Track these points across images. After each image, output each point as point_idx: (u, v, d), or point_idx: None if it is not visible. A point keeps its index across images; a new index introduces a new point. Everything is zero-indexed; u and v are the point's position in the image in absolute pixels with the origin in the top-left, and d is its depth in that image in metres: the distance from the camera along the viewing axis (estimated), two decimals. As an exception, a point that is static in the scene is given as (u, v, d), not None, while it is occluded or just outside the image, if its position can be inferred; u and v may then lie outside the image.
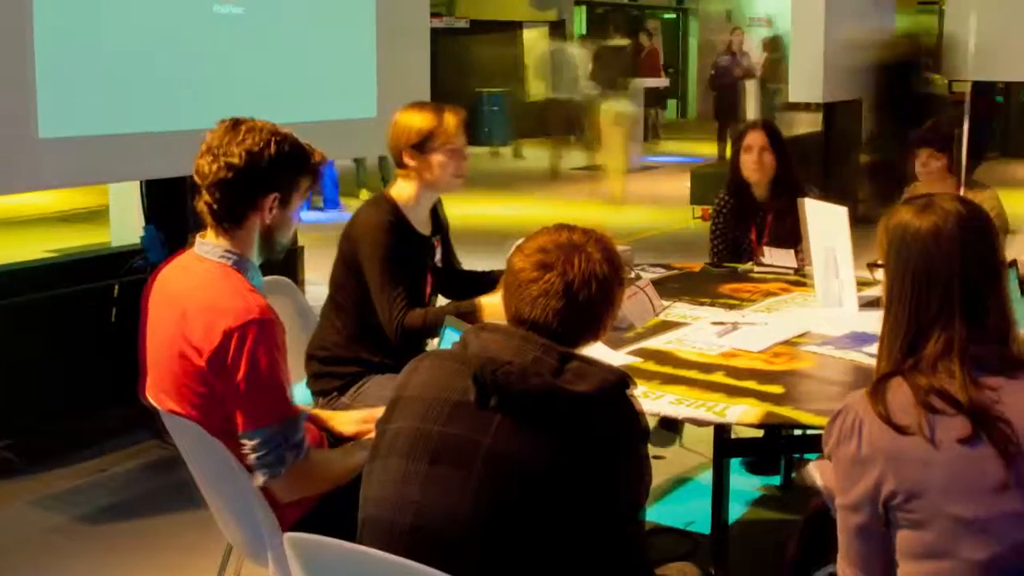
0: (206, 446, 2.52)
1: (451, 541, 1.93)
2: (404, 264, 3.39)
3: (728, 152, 7.20)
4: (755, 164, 4.54)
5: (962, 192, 4.55)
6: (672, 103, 24.01)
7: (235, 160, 2.50)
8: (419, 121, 3.42)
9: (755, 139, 4.55)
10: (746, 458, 4.48)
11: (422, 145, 3.41)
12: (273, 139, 2.54)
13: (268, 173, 2.54)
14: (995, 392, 1.85)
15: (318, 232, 8.22)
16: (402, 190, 3.48)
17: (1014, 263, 3.23)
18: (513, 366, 1.94)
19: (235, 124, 2.56)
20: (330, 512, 2.51)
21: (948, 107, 8.58)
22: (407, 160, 3.43)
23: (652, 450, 4.32)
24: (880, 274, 2.03)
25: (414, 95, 4.15)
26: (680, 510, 4.13)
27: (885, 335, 1.97)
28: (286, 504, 2.55)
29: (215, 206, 2.55)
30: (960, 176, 4.54)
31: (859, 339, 3.25)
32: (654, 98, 18.96)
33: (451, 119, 3.44)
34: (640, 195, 12.86)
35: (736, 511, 4.08)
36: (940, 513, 1.82)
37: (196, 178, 2.57)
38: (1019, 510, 1.80)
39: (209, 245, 2.59)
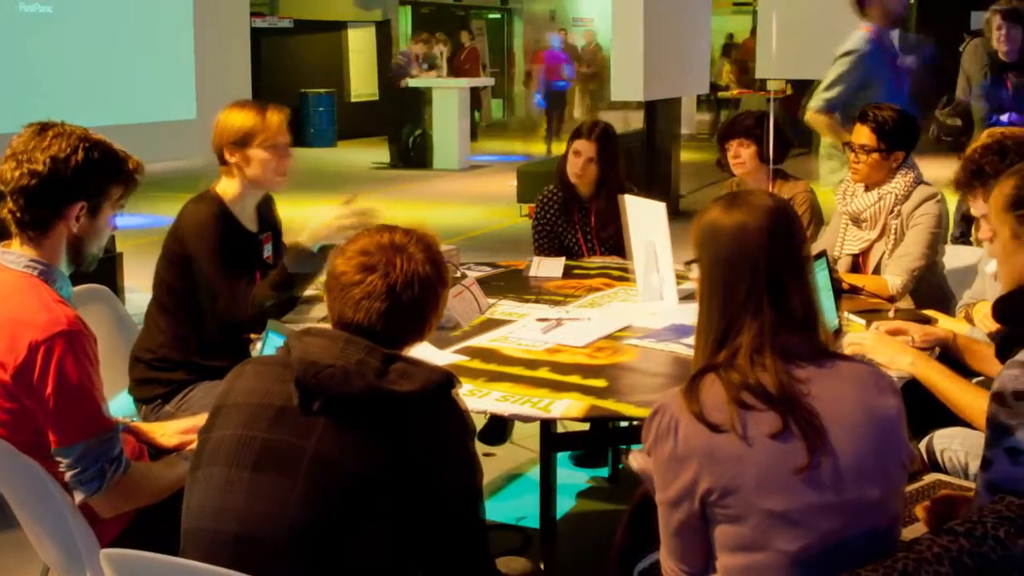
0: (15, 463, 2.41)
1: (277, 548, 1.91)
2: (234, 259, 3.37)
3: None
4: (579, 171, 4.64)
5: (774, 184, 4.69)
6: (497, 103, 24.18)
7: (39, 167, 2.42)
8: (241, 119, 3.41)
9: (584, 148, 4.63)
10: (575, 452, 4.55)
11: (243, 142, 3.38)
12: (81, 145, 2.46)
13: (74, 181, 2.46)
14: (805, 384, 1.92)
15: (137, 238, 8.01)
16: (226, 187, 3.46)
17: (823, 254, 3.37)
18: (336, 369, 1.93)
19: (43, 128, 2.48)
20: (151, 525, 2.45)
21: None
22: (228, 157, 3.41)
23: (483, 447, 4.37)
24: (696, 272, 2.09)
25: (235, 96, 4.09)
26: (511, 506, 4.17)
27: (700, 329, 2.03)
28: (104, 519, 2.47)
29: (18, 214, 2.46)
30: (770, 168, 4.68)
31: (679, 331, 3.33)
32: (478, 98, 19.07)
33: (273, 117, 3.44)
34: (467, 194, 12.92)
35: (566, 504, 4.15)
36: (754, 508, 1.87)
37: (0, 184, 2.47)
38: (827, 501, 1.87)
39: (14, 255, 2.49)
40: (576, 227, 4.71)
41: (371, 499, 1.90)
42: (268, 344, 2.79)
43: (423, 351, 2.99)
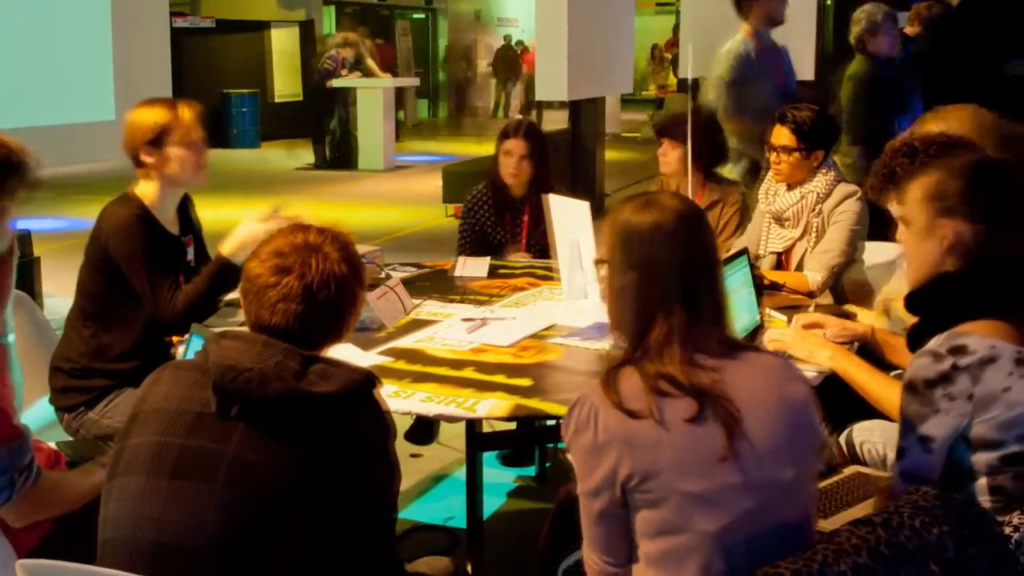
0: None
1: (197, 555, 1.89)
2: (159, 261, 3.33)
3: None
4: (513, 170, 4.62)
5: (705, 188, 4.70)
6: (423, 103, 24.16)
7: None
8: (153, 116, 3.34)
9: (515, 146, 4.62)
10: (502, 451, 4.56)
11: (158, 140, 3.33)
12: None
13: None
14: (717, 372, 1.96)
15: (56, 241, 7.87)
16: (145, 189, 3.40)
17: (745, 251, 3.41)
18: (253, 372, 1.92)
19: None
20: (71, 535, 2.41)
21: None
22: (144, 158, 3.34)
23: (410, 448, 4.35)
24: (604, 270, 2.11)
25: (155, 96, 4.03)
26: (439, 506, 4.17)
27: (614, 327, 2.07)
28: (22, 528, 2.42)
29: None
30: (689, 170, 4.69)
31: (603, 329, 3.32)
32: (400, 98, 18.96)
33: (186, 111, 3.38)
34: (393, 195, 12.88)
35: (494, 504, 4.15)
36: (673, 491, 1.91)
37: None
38: (743, 481, 1.91)
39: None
40: (507, 227, 4.71)
41: (291, 502, 1.89)
42: (191, 348, 2.76)
43: (347, 352, 2.98)
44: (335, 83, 14.96)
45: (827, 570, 1.76)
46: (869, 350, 3.16)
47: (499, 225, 4.72)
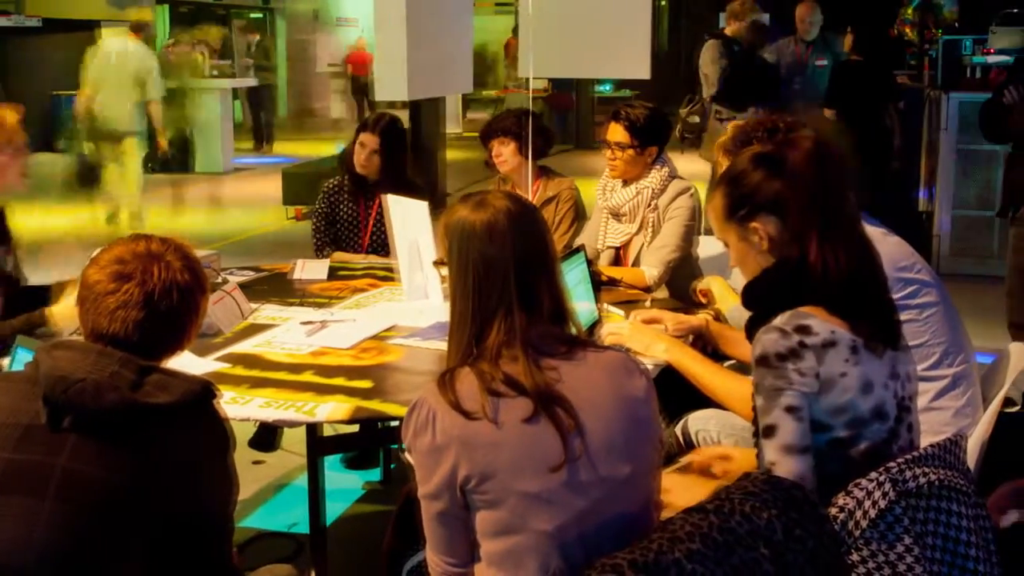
0: None
1: (25, 573, 1.82)
2: None
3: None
4: (364, 161, 4.71)
5: (538, 181, 4.77)
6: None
7: None
8: None
9: (369, 141, 4.70)
10: (346, 455, 4.52)
11: None
12: None
13: None
14: (555, 372, 1.98)
15: None
16: None
17: (582, 248, 3.46)
18: (87, 383, 1.86)
19: None
20: None
21: None
22: None
23: (253, 455, 4.28)
24: (446, 271, 2.12)
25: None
26: (282, 514, 4.11)
27: (453, 329, 2.07)
28: None
29: None
30: (529, 164, 4.76)
31: (444, 329, 3.30)
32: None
33: (11, 117, 3.26)
34: (232, 198, 12.65)
35: (339, 508, 4.12)
36: (510, 491, 1.92)
37: None
38: (578, 481, 1.93)
39: None
40: (360, 212, 4.71)
41: (125, 516, 1.84)
42: (17, 360, 2.66)
43: (183, 359, 2.91)
44: (169, 83, 14.58)
45: (662, 558, 1.79)
46: (704, 342, 3.25)
47: (354, 211, 4.73)
